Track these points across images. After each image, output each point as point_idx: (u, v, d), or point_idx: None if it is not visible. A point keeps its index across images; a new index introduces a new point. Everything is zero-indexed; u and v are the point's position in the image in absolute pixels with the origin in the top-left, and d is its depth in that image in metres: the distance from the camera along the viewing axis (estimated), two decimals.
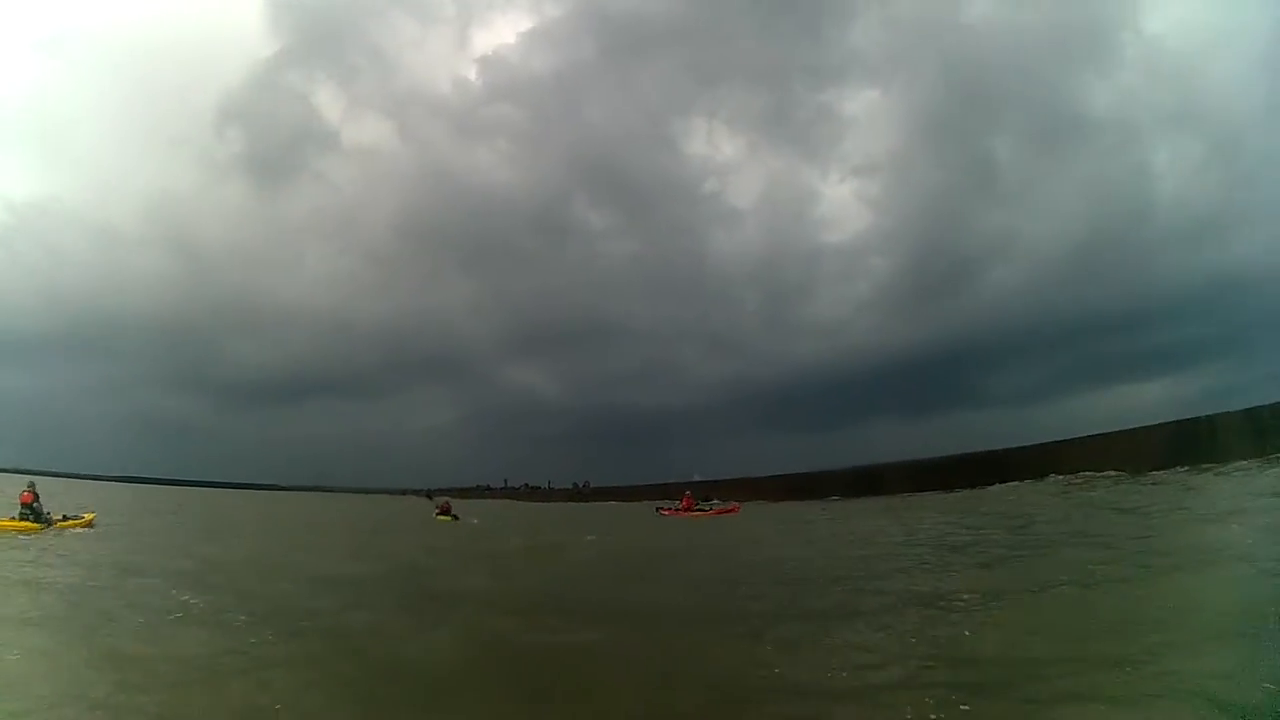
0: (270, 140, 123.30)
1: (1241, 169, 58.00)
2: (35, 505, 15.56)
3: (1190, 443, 18.78)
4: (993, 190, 70.43)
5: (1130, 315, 60.91)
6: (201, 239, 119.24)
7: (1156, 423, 20.96)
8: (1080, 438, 22.11)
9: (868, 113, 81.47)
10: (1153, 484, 16.66)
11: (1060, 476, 20.95)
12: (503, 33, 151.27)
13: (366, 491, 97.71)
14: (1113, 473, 18.93)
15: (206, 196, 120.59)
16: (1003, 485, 22.81)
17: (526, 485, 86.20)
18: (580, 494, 67.82)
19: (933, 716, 3.99)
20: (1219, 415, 19.31)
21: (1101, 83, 64.65)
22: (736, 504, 28.35)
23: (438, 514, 26.44)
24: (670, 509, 27.01)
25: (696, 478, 47.29)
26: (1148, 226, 62.16)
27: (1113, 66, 63.73)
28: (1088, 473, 20.47)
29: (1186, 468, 17.34)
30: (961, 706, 4.09)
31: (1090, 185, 63.30)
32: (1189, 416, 20.29)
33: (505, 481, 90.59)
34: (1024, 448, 23.86)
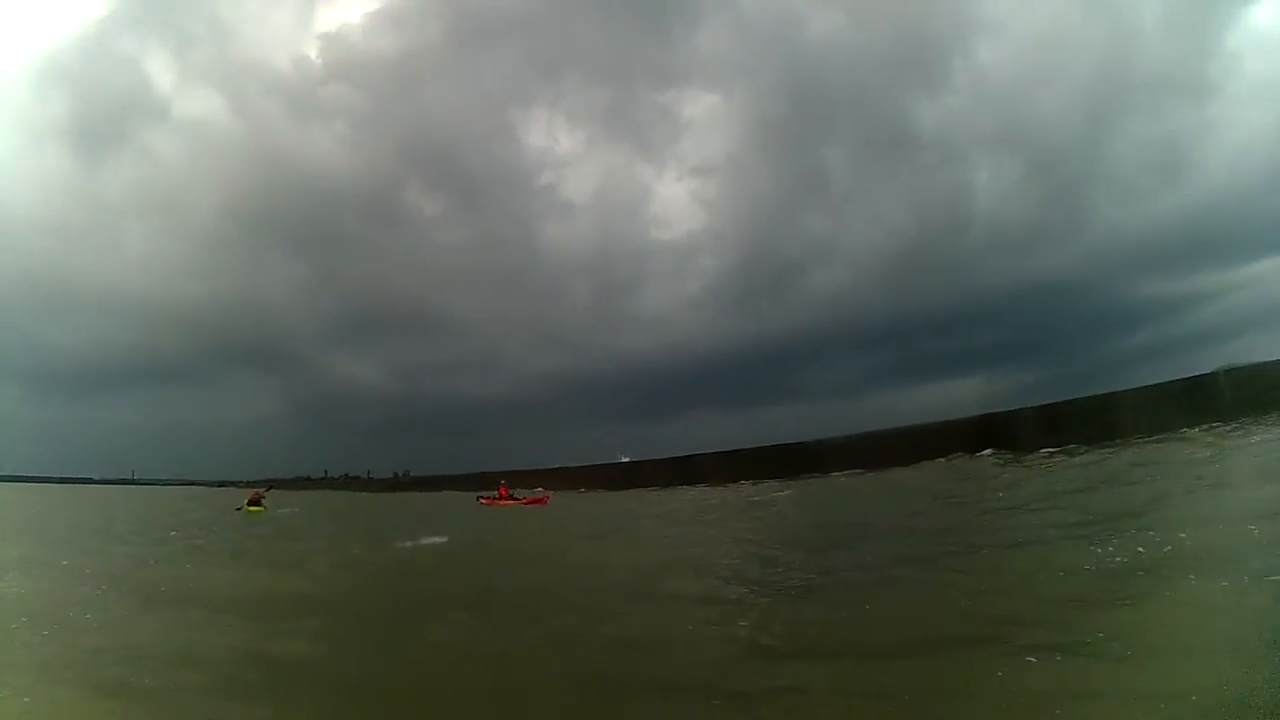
0: (95, 107, 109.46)
1: (1052, 190, 68.17)
2: None
3: (993, 434, 19.14)
4: (822, 197, 77.51)
5: (947, 318, 69.72)
6: (12, 210, 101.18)
7: (965, 416, 21.33)
8: (892, 429, 22.39)
9: (708, 116, 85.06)
10: (961, 475, 16.68)
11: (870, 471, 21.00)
12: (348, 11, 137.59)
13: (186, 484, 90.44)
14: (923, 462, 19.09)
15: (21, 164, 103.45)
16: (822, 476, 22.61)
17: (346, 475, 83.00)
18: (400, 484, 67.42)
19: None
20: (1020, 409, 19.99)
21: (931, 103, 73.15)
22: (547, 495, 28.17)
23: (246, 505, 24.80)
24: (489, 498, 27.03)
25: (519, 467, 46.16)
26: (966, 238, 71.61)
27: (942, 89, 72.28)
28: (897, 467, 20.37)
29: (993, 456, 17.39)
30: None
31: (914, 197, 71.34)
32: (994, 410, 20.88)
33: (325, 472, 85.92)
34: (838, 438, 23.95)
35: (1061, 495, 11.37)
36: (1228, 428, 14.97)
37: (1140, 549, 6.61)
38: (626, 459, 45.69)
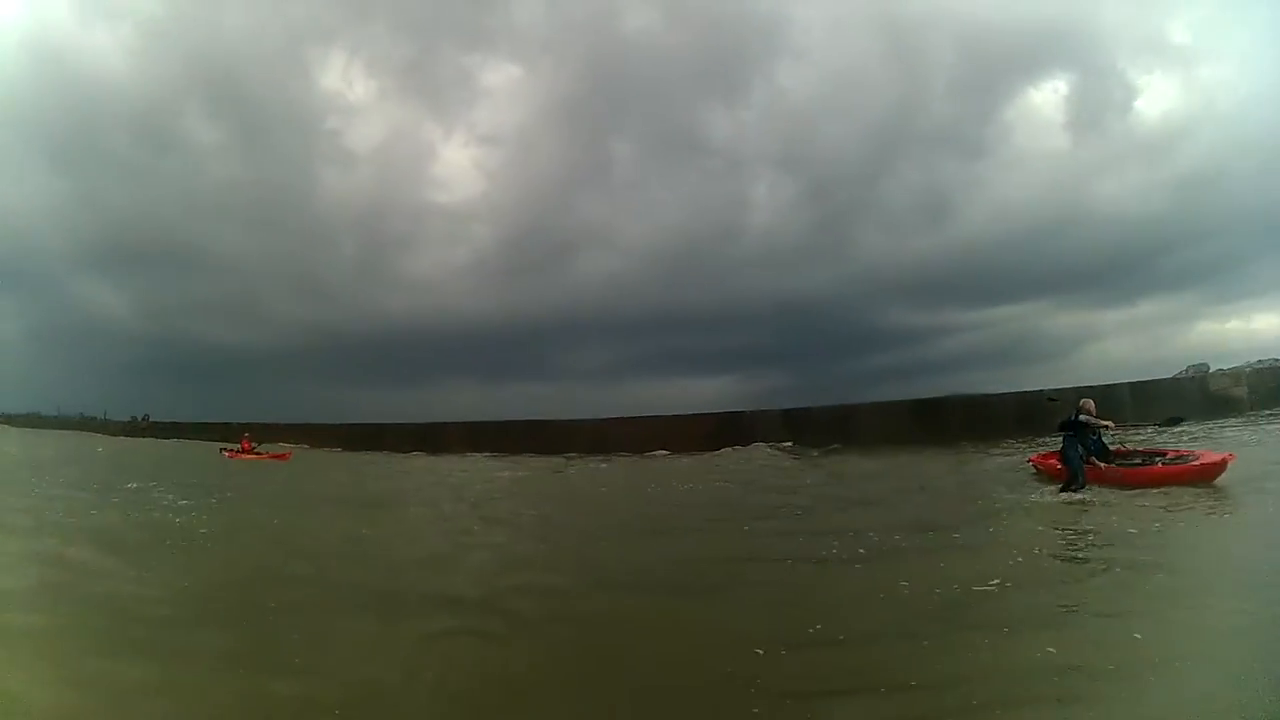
0: None
1: (824, 215, 77.84)
2: None
3: (732, 431, 19.32)
4: (604, 185, 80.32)
5: (711, 318, 76.85)
6: None
7: (709, 411, 21.39)
8: (638, 416, 21.82)
9: (507, 86, 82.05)
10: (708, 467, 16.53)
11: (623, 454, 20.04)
12: None
13: None
14: (662, 452, 18.76)
15: None
16: (564, 457, 21.08)
17: (81, 415, 65.83)
18: (138, 428, 56.46)
19: None
20: (766, 410, 20.52)
21: (725, 114, 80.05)
22: (289, 450, 25.95)
23: None
24: (232, 451, 25.00)
25: (267, 419, 39.14)
26: (737, 245, 79.71)
27: (738, 103, 79.64)
28: (641, 452, 19.62)
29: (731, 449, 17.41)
30: None
31: (694, 200, 77.87)
32: (738, 410, 21.31)
33: (58, 409, 66.54)
34: (585, 420, 22.84)
35: (793, 490, 11.24)
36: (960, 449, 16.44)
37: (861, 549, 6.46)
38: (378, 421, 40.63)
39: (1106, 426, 9.20)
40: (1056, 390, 17.38)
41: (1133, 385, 18.76)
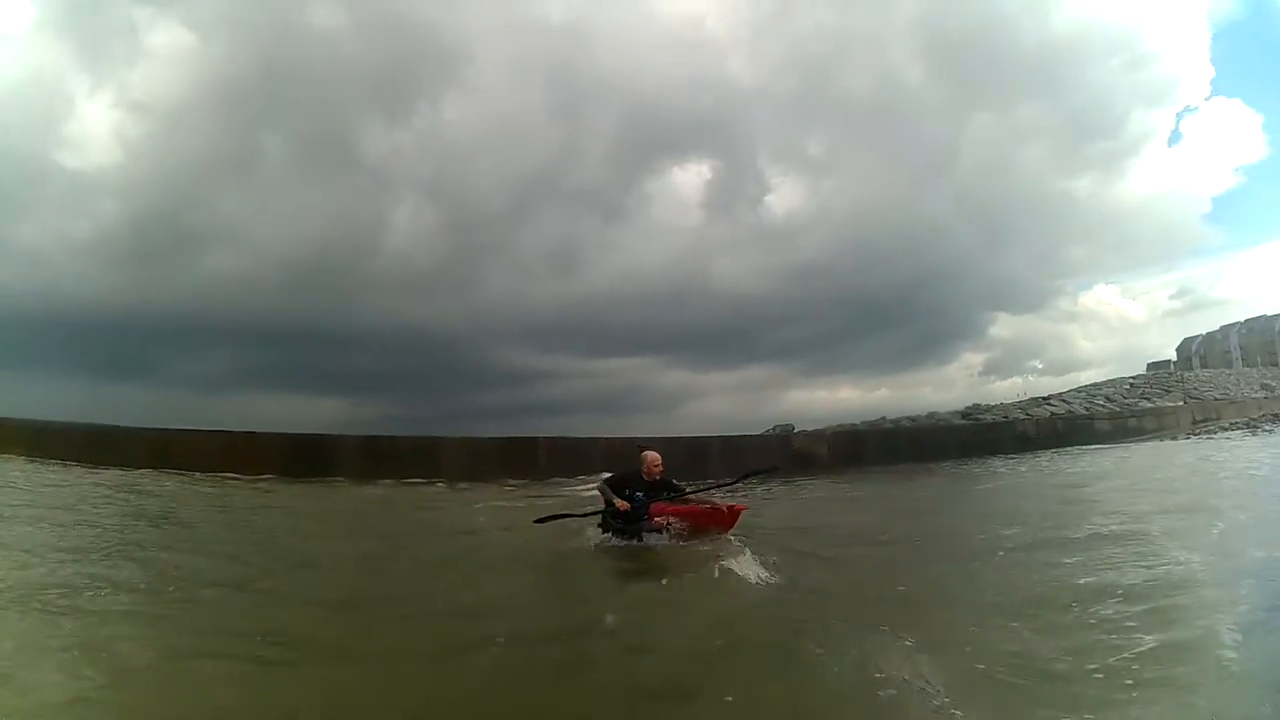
0: None
1: (461, 250, 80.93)
2: None
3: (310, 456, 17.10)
4: (246, 180, 75.85)
5: (338, 336, 75.80)
6: None
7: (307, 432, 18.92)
8: (215, 431, 18.66)
9: (174, 52, 73.77)
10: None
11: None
12: None
13: None
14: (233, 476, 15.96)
15: None
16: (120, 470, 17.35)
17: None
18: None
19: None
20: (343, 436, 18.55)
21: (384, 131, 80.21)
22: None
23: None
24: None
25: None
26: (372, 265, 79.54)
27: (399, 124, 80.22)
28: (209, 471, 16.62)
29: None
30: None
31: (337, 212, 76.27)
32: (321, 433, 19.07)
33: None
34: (150, 429, 19.22)
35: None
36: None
37: None
38: None
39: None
40: (647, 439, 17.35)
41: (724, 439, 19.49)
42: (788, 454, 19.75)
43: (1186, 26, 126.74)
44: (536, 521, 7.81)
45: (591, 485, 11.06)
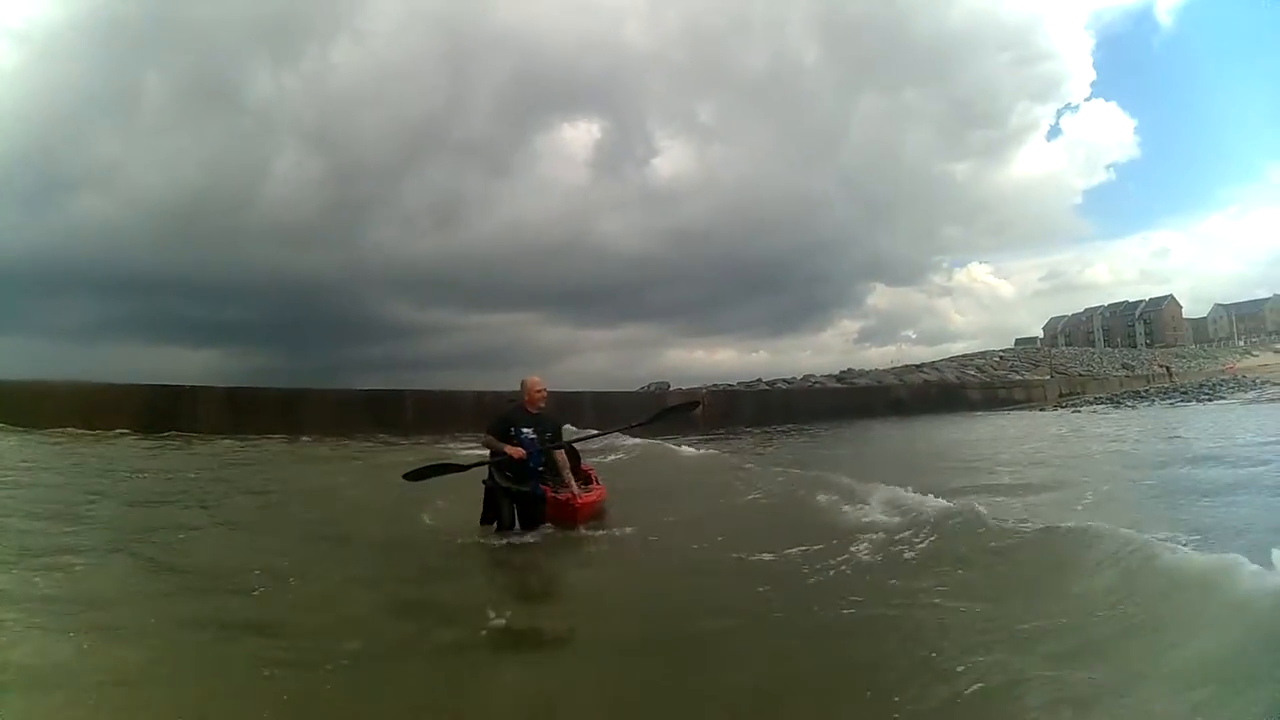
0: None
1: (338, 200, 79.90)
2: None
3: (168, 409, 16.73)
4: (124, 121, 72.14)
5: (208, 285, 74.37)
6: None
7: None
8: (95, 383, 17.94)
9: None
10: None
11: None
12: None
13: None
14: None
15: None
16: None
17: None
18: None
19: None
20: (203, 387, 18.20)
21: (269, 75, 78.96)
22: None
23: None
24: None
25: None
26: (249, 214, 77.53)
27: (286, 68, 79.56)
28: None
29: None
30: None
31: (214, 156, 73.46)
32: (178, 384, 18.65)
33: None
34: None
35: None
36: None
37: None
38: None
39: None
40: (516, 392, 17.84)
41: (596, 394, 20.27)
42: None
43: (1074, 31, 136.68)
44: (407, 477, 6.02)
45: (469, 445, 10.91)
